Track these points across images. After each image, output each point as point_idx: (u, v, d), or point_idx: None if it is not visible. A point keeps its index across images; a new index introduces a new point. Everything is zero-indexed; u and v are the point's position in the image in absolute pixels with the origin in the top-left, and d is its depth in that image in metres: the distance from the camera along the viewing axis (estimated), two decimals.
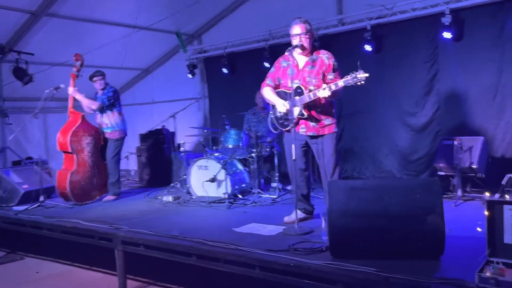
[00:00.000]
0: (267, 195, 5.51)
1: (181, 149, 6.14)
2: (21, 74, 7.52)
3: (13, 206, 5.92)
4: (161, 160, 7.56)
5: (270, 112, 4.33)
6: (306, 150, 4.15)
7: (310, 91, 3.90)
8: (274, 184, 5.94)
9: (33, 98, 8.81)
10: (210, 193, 5.54)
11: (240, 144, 5.53)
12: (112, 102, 6.10)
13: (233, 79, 8.14)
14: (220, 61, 8.08)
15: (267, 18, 7.61)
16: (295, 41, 3.96)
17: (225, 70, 8.00)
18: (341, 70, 4.08)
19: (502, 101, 5.56)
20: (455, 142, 4.84)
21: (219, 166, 5.45)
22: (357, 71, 3.62)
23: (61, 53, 7.71)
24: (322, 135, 4.01)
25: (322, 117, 4.02)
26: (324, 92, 3.75)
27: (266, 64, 7.41)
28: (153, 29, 8.02)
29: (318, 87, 3.94)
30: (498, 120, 5.59)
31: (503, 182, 4.57)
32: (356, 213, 2.85)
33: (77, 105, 6.20)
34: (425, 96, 6.14)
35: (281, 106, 4.04)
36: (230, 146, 5.56)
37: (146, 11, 7.44)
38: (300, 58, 4.07)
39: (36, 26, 7.02)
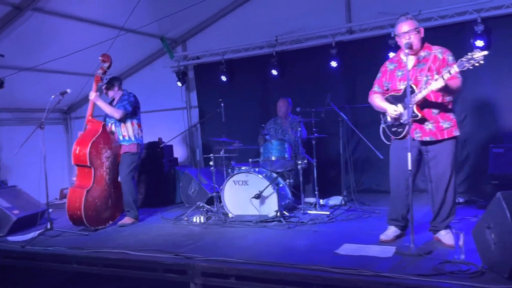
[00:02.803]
0: (315, 211, 5.05)
1: (210, 163, 5.43)
2: None
3: (1, 236, 4.91)
4: (160, 176, 6.77)
5: (382, 122, 3.93)
6: (418, 160, 3.76)
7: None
8: (311, 199, 5.50)
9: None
10: (250, 211, 4.96)
11: (286, 156, 5.03)
12: (133, 109, 5.31)
13: (231, 87, 7.57)
14: (217, 68, 7.51)
15: (263, 24, 7.24)
16: (404, 40, 3.59)
17: (223, 78, 7.42)
18: None
19: None
20: None
21: (263, 180, 4.89)
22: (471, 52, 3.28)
23: (32, 56, 6.70)
24: (440, 140, 3.60)
25: (440, 119, 3.59)
26: (437, 83, 3.33)
27: (274, 72, 6.99)
28: (137, 32, 7.20)
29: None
30: None
31: None
32: None
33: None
34: None
35: (392, 110, 3.64)
36: (274, 158, 5.03)
37: (127, 13, 6.58)
38: (409, 58, 3.69)
39: (15, 23, 5.95)
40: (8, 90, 7.00)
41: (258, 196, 4.84)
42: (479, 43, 5.67)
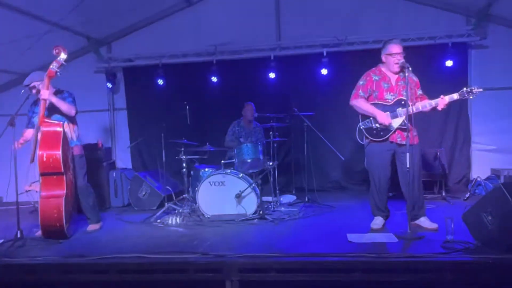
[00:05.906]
0: (283, 209, 5.52)
1: (183, 164, 5.42)
2: None
3: None
4: (102, 179, 6.44)
5: (360, 123, 4.48)
6: (393, 159, 4.47)
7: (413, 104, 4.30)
8: (268, 198, 5.84)
9: None
10: (226, 211, 5.16)
11: (260, 157, 5.36)
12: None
13: (166, 92, 7.53)
14: (150, 71, 7.44)
15: (200, 32, 7.51)
16: (398, 59, 4.28)
17: (160, 82, 7.38)
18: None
19: None
20: (437, 153, 5.95)
21: (240, 181, 5.14)
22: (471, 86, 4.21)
23: None
24: (412, 145, 4.28)
25: (412, 127, 4.36)
26: (442, 101, 4.20)
27: (214, 79, 7.21)
28: (61, 27, 6.69)
29: (411, 101, 4.33)
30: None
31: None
32: None
33: None
34: None
35: (384, 117, 4.29)
36: (249, 160, 5.32)
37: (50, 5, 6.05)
38: (390, 74, 4.40)
39: None
40: None
41: (239, 196, 5.07)
42: None
